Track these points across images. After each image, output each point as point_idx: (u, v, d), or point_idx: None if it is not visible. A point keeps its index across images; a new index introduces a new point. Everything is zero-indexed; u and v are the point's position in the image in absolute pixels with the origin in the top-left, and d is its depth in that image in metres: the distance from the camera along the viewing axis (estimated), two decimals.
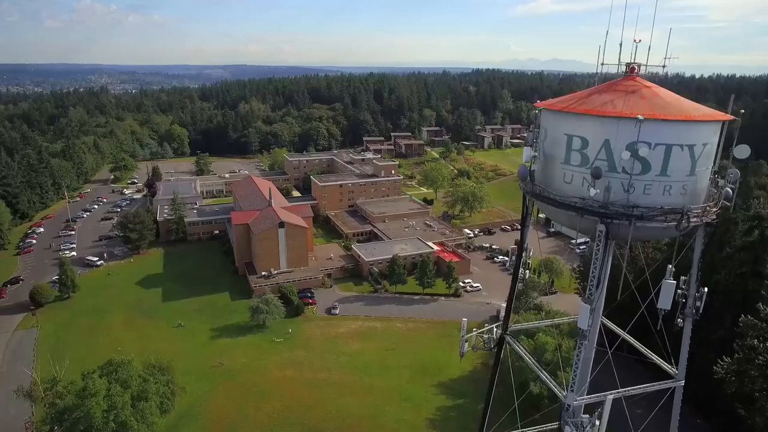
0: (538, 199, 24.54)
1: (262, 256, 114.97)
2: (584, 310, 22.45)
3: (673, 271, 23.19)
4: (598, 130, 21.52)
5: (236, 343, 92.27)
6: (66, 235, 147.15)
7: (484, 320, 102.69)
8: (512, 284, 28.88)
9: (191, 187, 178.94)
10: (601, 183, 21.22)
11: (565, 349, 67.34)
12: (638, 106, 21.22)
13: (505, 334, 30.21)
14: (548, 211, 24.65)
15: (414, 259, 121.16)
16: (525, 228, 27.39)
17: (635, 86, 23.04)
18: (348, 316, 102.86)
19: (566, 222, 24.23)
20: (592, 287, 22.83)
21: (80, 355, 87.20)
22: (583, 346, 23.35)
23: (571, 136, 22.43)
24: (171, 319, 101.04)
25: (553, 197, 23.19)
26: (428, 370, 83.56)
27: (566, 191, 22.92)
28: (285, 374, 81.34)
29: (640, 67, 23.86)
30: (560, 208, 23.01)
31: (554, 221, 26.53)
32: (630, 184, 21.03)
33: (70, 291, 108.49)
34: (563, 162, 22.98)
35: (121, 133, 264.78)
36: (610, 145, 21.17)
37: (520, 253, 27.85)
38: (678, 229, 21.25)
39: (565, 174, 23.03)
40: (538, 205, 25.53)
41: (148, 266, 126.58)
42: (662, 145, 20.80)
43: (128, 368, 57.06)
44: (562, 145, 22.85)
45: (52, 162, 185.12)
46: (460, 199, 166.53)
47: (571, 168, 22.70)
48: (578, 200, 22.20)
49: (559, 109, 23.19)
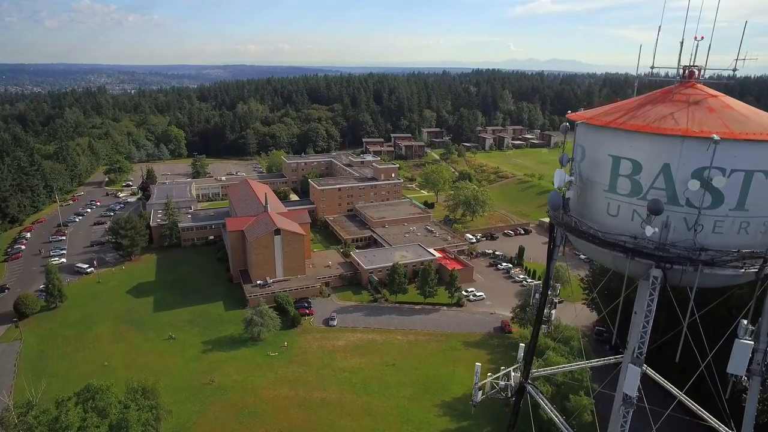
0: (572, 233, 20.11)
1: (258, 265, 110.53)
2: (633, 373, 18.09)
3: (750, 329, 18.71)
4: (656, 152, 17.16)
5: (229, 358, 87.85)
6: (56, 241, 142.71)
7: (488, 331, 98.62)
8: (535, 327, 24.50)
9: (186, 191, 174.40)
10: (658, 218, 16.83)
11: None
12: (707, 121, 16.86)
13: (527, 383, 25.84)
14: (585, 248, 20.22)
15: (415, 266, 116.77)
16: (551, 262, 22.99)
17: (698, 95, 18.62)
18: (346, 328, 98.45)
19: (609, 262, 19.81)
20: (639, 343, 18.42)
21: (64, 370, 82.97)
22: (630, 414, 18.95)
23: (619, 159, 18.07)
24: (161, 331, 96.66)
25: (594, 233, 18.76)
26: (430, 388, 79.21)
27: (611, 226, 18.55)
28: (279, 393, 76.89)
29: (701, 71, 19.35)
30: (602, 247, 18.60)
31: (593, 259, 22.01)
32: (697, 220, 16.65)
33: (57, 300, 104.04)
34: (607, 190, 18.61)
35: (117, 134, 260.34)
36: (671, 171, 16.82)
37: (545, 290, 23.44)
38: (759, 276, 16.89)
39: (609, 204, 18.66)
40: (571, 240, 21.06)
41: (139, 273, 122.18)
42: (740, 172, 16.41)
43: (107, 395, 52.62)
44: (606, 168, 18.50)
45: (45, 164, 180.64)
46: (462, 203, 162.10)
47: (617, 198, 18.33)
48: (627, 239, 17.82)
49: (602, 124, 18.66)
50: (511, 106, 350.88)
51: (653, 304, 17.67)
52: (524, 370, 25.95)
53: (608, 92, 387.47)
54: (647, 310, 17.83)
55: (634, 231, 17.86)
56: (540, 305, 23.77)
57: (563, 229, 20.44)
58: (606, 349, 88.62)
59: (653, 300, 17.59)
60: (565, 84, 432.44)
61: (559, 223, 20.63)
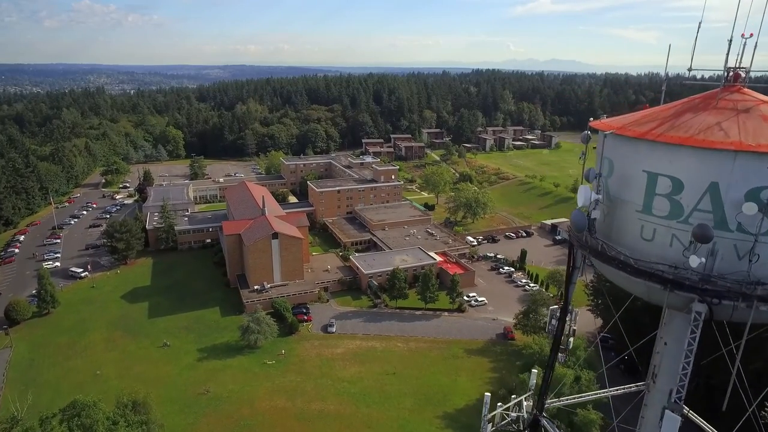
0: (599, 258, 17.68)
1: (255, 269, 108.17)
2: (671, 422, 15.69)
3: None
4: (701, 169, 14.76)
5: (224, 366, 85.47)
6: (51, 244, 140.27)
7: (490, 338, 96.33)
8: (551, 356, 22.14)
9: (183, 193, 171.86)
10: (704, 246, 14.49)
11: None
12: (763, 132, 14.47)
13: (541, 416, 23.51)
14: (612, 275, 17.80)
15: (415, 271, 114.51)
16: (570, 286, 20.61)
17: (747, 101, 16.22)
18: (345, 335, 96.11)
19: (641, 292, 17.38)
20: (678, 387, 16.03)
21: (54, 380, 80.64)
22: None
23: (655, 175, 15.66)
24: (156, 338, 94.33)
25: (625, 260, 16.36)
26: (432, 399, 76.83)
27: (644, 251, 16.14)
28: (275, 404, 74.49)
29: (748, 74, 16.95)
30: (635, 276, 16.18)
31: (620, 286, 19.72)
32: (753, 249, 14.29)
33: (49, 306, 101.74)
34: (641, 210, 16.20)
35: (114, 135, 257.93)
36: (720, 192, 14.44)
37: (563, 317, 21.08)
38: None
39: (643, 227, 16.25)
40: (596, 265, 18.64)
41: (135, 278, 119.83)
42: None
43: (94, 411, 50.22)
44: (640, 186, 16.10)
45: (40, 166, 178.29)
46: (463, 205, 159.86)
47: (653, 220, 15.92)
48: (666, 268, 15.44)
49: (636, 136, 16.19)
50: (512, 106, 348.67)
51: (695, 343, 15.30)
52: (539, 402, 23.64)
53: (609, 92, 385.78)
54: (688, 349, 15.45)
55: (673, 258, 15.47)
56: (557, 332, 21.41)
57: (587, 253, 18.00)
58: (612, 356, 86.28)
59: (695, 338, 15.24)
60: (565, 84, 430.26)
61: (582, 247, 18.18)
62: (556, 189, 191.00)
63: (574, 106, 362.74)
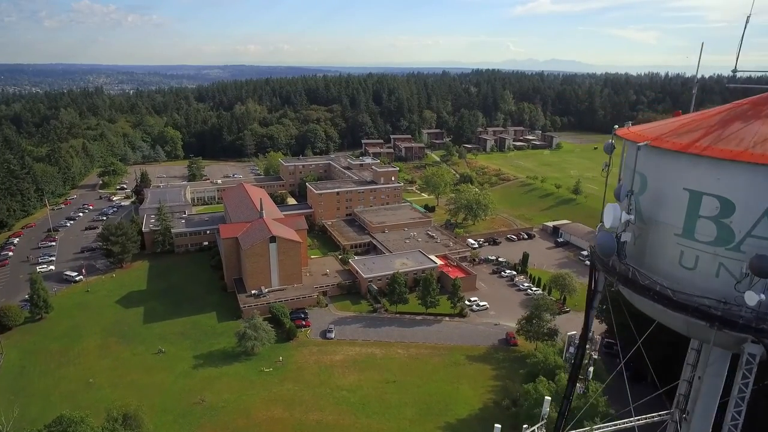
0: (629, 287, 15.48)
1: (252, 273, 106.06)
2: None
3: None
4: (758, 188, 12.59)
5: (221, 374, 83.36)
6: (45, 247, 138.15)
7: (492, 344, 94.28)
8: (569, 386, 20.04)
9: (180, 195, 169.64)
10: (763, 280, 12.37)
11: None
12: None
13: None
14: (644, 305, 15.58)
15: (416, 274, 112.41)
16: (590, 311, 18.51)
17: None
18: (344, 341, 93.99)
19: (679, 327, 15.22)
20: None
21: (45, 389, 78.51)
22: None
23: (699, 194, 13.52)
24: (151, 344, 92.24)
25: (662, 290, 14.20)
26: (433, 408, 74.73)
27: (685, 281, 14.02)
28: (273, 414, 72.37)
29: None
30: (674, 310, 14.03)
31: (652, 316, 17.73)
32: None
33: (42, 312, 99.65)
34: (680, 234, 14.06)
35: (112, 136, 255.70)
36: None
37: (583, 344, 18.98)
38: None
39: (683, 254, 14.11)
40: (624, 293, 16.45)
41: (130, 282, 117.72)
42: None
43: (81, 428, 48.11)
44: (680, 206, 13.96)
45: (36, 167, 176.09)
46: (464, 207, 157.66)
47: (696, 246, 13.79)
48: (713, 302, 13.32)
49: (677, 149, 13.98)
50: (512, 106, 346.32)
51: (747, 390, 13.25)
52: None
53: (609, 92, 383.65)
54: (739, 397, 13.36)
55: (720, 291, 13.37)
56: (576, 361, 19.32)
57: (615, 280, 15.80)
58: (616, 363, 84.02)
59: (747, 384, 13.18)
60: (566, 84, 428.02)
61: (609, 272, 15.99)
62: (557, 190, 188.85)
63: (574, 106, 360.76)
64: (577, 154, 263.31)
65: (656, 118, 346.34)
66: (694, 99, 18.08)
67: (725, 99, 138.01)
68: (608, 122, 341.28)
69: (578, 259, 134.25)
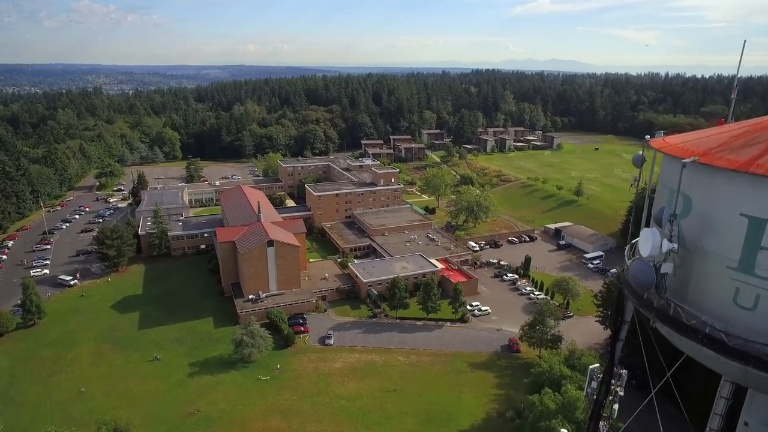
0: (669, 325, 13.31)
1: (250, 278, 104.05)
2: None
3: None
4: None
5: (217, 382, 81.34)
6: (40, 250, 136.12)
7: (495, 350, 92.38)
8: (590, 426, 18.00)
9: (178, 197, 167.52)
10: None
11: None
12: None
13: None
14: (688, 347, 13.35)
15: (416, 279, 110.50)
16: (617, 343, 16.49)
17: None
18: (343, 347, 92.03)
19: (734, 376, 12.93)
20: None
21: (35, 398, 76.48)
22: None
23: (762, 222, 11.40)
24: (146, 351, 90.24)
25: (713, 332, 12.12)
26: (435, 418, 72.74)
27: (741, 323, 11.86)
28: (269, 425, 70.37)
29: None
30: (729, 358, 11.92)
31: (696, 359, 15.97)
32: None
33: (34, 317, 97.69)
34: (736, 268, 11.90)
35: (109, 137, 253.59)
36: None
37: (608, 379, 16.97)
38: None
39: (738, 291, 11.97)
40: (663, 332, 14.26)
41: (126, 286, 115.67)
42: None
43: None
44: (736, 235, 11.77)
45: (32, 168, 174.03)
46: (464, 209, 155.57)
47: (756, 282, 11.62)
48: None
49: (734, 168, 11.75)
50: (512, 106, 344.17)
51: None
52: None
53: (610, 92, 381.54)
54: None
55: None
56: (598, 396, 17.33)
57: (653, 316, 13.66)
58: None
59: None
60: (566, 84, 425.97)
61: (645, 307, 13.83)
62: (559, 191, 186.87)
63: (575, 107, 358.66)
64: (578, 155, 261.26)
65: (657, 118, 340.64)
66: (733, 104, 15.96)
67: (726, 99, 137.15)
68: (609, 122, 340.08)
69: (581, 262, 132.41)
